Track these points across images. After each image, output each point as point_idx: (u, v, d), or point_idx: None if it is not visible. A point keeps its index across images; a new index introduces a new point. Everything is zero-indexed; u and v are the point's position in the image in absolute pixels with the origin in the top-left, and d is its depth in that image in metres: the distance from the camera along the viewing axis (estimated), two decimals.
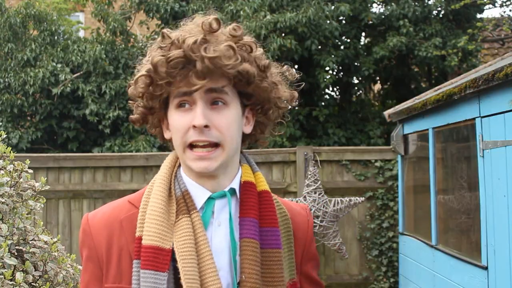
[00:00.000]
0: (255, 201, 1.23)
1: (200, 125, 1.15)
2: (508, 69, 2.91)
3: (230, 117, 1.19)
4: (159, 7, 8.23)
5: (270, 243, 1.21)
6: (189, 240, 1.16)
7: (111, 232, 1.22)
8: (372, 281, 6.05)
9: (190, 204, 1.21)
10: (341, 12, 7.73)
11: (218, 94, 1.17)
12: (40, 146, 8.14)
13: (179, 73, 1.15)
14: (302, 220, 1.33)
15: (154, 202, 1.21)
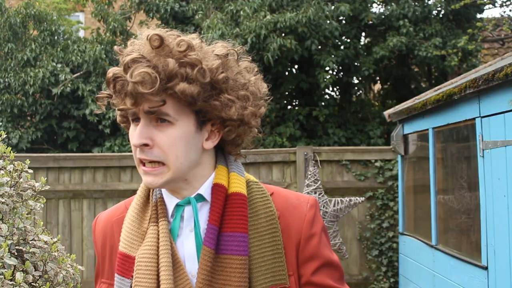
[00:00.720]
0: (219, 206, 1.19)
1: (136, 145, 1.16)
2: (508, 69, 2.91)
3: (174, 136, 1.16)
4: (159, 7, 8.23)
5: (230, 249, 1.16)
6: (150, 249, 1.18)
7: (105, 233, 1.31)
8: (372, 281, 6.05)
9: (161, 211, 1.22)
10: (341, 12, 7.73)
11: (158, 115, 1.15)
12: (40, 146, 8.14)
13: (122, 91, 1.15)
14: (297, 215, 1.23)
15: (131, 209, 1.27)
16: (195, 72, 1.14)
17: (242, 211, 1.19)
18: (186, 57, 1.14)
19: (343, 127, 8.41)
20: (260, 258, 1.18)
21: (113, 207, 1.36)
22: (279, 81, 8.29)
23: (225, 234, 1.17)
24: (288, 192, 1.29)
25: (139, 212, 1.25)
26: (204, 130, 1.21)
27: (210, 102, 1.17)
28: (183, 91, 1.13)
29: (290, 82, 8.32)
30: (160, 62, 1.13)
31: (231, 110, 1.19)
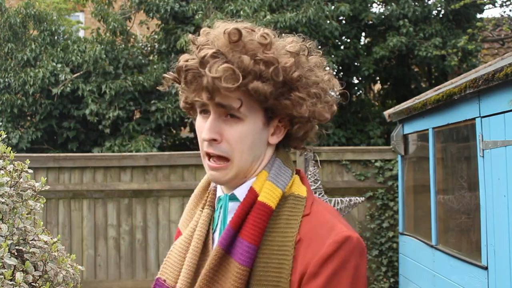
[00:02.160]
0: (243, 210, 1.17)
1: (206, 139, 1.17)
2: (508, 69, 2.91)
3: (242, 132, 1.16)
4: (159, 7, 8.23)
5: (237, 255, 1.14)
6: (189, 232, 1.26)
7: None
8: (372, 281, 6.05)
9: (210, 199, 1.28)
10: (341, 12, 7.73)
11: (229, 110, 1.15)
12: (40, 146, 8.14)
13: (194, 83, 1.16)
14: (315, 247, 1.10)
15: (194, 192, 1.35)
16: (270, 71, 1.13)
17: (260, 223, 1.15)
18: (262, 54, 1.14)
19: (343, 127, 8.42)
20: (263, 276, 1.13)
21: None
22: None
23: (239, 240, 1.16)
24: (326, 219, 1.15)
25: (198, 195, 1.33)
26: (270, 126, 1.21)
27: (281, 101, 1.16)
28: (257, 89, 1.12)
29: None
30: (235, 58, 1.12)
31: (302, 108, 1.17)
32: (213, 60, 1.11)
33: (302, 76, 1.18)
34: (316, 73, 1.22)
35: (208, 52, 1.12)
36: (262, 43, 1.14)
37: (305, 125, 1.22)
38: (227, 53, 1.13)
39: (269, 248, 1.14)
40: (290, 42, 1.23)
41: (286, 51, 1.19)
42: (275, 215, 1.16)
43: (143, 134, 7.83)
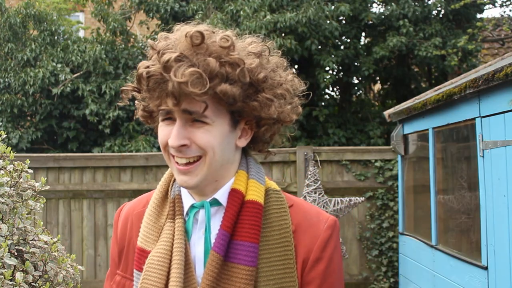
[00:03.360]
0: (233, 212, 1.15)
1: (175, 146, 1.13)
2: (508, 69, 2.91)
3: (211, 135, 1.13)
4: (159, 7, 8.23)
5: (238, 257, 1.13)
6: (165, 246, 1.17)
7: (125, 225, 1.31)
8: (372, 281, 6.05)
9: (178, 209, 1.21)
10: (341, 12, 7.73)
11: (195, 116, 1.12)
12: (40, 146, 8.14)
13: (157, 89, 1.10)
14: (312, 234, 1.17)
15: (150, 204, 1.26)
16: (237, 73, 1.10)
17: (256, 221, 1.15)
18: (227, 56, 1.11)
19: (343, 127, 8.41)
20: (269, 271, 1.14)
21: (137, 198, 1.36)
22: None
23: (235, 242, 1.14)
24: (309, 207, 1.23)
25: (157, 207, 1.24)
26: (237, 129, 1.19)
27: (249, 103, 1.14)
28: (225, 92, 1.09)
29: None
30: (200, 61, 1.09)
31: (270, 109, 1.16)
32: (177, 64, 1.07)
33: (267, 77, 1.16)
34: (279, 73, 1.21)
35: (171, 56, 1.07)
36: (224, 45, 1.11)
37: (272, 127, 1.22)
38: (191, 56, 1.09)
39: (267, 243, 1.15)
40: (250, 43, 1.20)
41: (248, 52, 1.16)
42: (265, 211, 1.18)
43: (143, 134, 7.83)
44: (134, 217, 1.29)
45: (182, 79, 1.06)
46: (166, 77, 1.08)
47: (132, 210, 1.32)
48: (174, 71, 1.07)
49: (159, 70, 1.09)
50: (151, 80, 1.10)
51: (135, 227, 1.28)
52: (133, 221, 1.29)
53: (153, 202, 1.26)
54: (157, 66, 1.09)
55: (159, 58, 1.09)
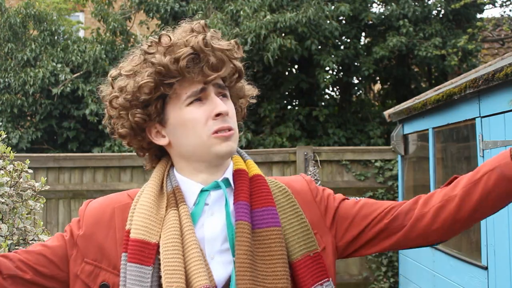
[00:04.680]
0: (246, 186, 1.25)
1: (226, 111, 1.21)
2: (508, 69, 2.91)
3: (232, 108, 1.27)
4: (159, 7, 8.22)
5: (264, 222, 1.21)
6: (175, 232, 1.18)
7: (102, 214, 1.27)
8: (372, 281, 6.05)
9: (179, 198, 1.24)
10: (341, 12, 7.73)
11: (222, 89, 1.25)
12: (40, 146, 8.14)
13: (192, 70, 1.20)
14: (300, 184, 1.33)
15: (144, 197, 1.25)
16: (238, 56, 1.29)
17: (267, 189, 1.26)
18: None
19: (343, 127, 8.41)
20: (290, 228, 1.24)
21: (111, 195, 1.34)
22: (279, 81, 8.29)
23: (256, 211, 1.23)
24: (283, 177, 1.38)
25: (155, 201, 1.24)
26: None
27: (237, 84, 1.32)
28: (241, 67, 1.28)
29: (290, 82, 8.32)
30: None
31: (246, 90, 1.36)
32: (213, 40, 1.22)
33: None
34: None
35: (205, 35, 1.21)
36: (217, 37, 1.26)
37: (242, 110, 1.38)
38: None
39: (279, 205, 1.26)
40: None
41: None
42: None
43: None
44: (117, 210, 1.27)
45: (228, 47, 1.22)
46: (205, 51, 1.19)
47: (111, 202, 1.29)
48: (213, 43, 1.21)
49: (192, 50, 1.19)
50: (184, 62, 1.19)
51: (118, 219, 1.25)
52: (116, 213, 1.26)
53: (148, 195, 1.25)
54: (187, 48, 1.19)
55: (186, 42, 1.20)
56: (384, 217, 1.27)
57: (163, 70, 1.19)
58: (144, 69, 1.22)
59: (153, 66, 1.20)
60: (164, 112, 1.24)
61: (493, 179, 1.17)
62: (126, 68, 1.25)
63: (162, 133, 1.27)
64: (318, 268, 1.22)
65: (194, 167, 1.26)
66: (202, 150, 1.23)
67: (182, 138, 1.24)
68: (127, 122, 1.26)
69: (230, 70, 1.24)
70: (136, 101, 1.22)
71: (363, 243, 1.29)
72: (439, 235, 1.24)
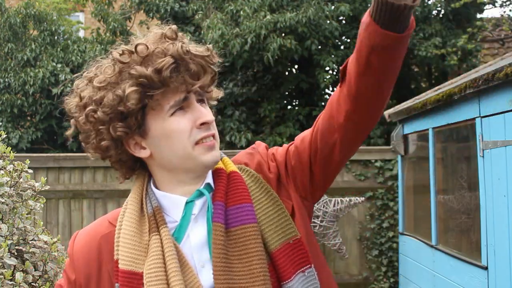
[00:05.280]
0: (223, 185, 1.22)
1: (212, 120, 1.20)
2: (508, 69, 2.91)
3: (212, 113, 1.24)
4: (159, 7, 8.22)
5: (238, 220, 1.18)
6: (157, 260, 1.16)
7: (90, 250, 1.24)
8: (372, 281, 6.05)
9: (160, 220, 1.20)
10: (341, 12, 7.73)
11: (202, 96, 1.22)
12: (40, 146, 8.14)
13: (175, 79, 1.15)
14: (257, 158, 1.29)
15: (126, 223, 1.21)
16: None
17: (243, 186, 1.23)
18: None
19: None
20: (267, 219, 1.21)
21: (92, 224, 1.30)
22: (279, 81, 8.28)
23: (231, 209, 1.20)
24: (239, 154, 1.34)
25: (137, 226, 1.20)
26: None
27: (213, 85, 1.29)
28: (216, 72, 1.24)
29: (290, 82, 8.32)
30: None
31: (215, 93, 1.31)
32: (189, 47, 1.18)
33: None
34: None
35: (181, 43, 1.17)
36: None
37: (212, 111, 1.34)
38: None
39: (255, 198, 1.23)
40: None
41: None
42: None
43: None
44: (102, 240, 1.23)
45: (207, 53, 1.19)
46: (185, 60, 1.16)
47: (95, 234, 1.25)
48: (192, 50, 1.17)
49: (172, 60, 1.14)
50: (166, 72, 1.14)
51: (105, 250, 1.22)
52: (102, 244, 1.23)
53: (129, 221, 1.21)
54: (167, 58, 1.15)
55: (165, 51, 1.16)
56: (317, 137, 1.23)
57: (145, 82, 1.14)
58: (123, 81, 1.16)
59: (133, 77, 1.14)
60: (144, 123, 1.18)
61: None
62: (99, 79, 1.19)
63: (142, 145, 1.21)
64: (299, 255, 1.19)
65: (178, 179, 1.22)
66: (188, 161, 1.19)
67: (166, 149, 1.19)
68: (107, 135, 1.19)
69: (210, 76, 1.21)
70: (117, 114, 1.16)
71: (320, 171, 1.26)
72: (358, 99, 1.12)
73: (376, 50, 1.03)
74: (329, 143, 1.20)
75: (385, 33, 1.01)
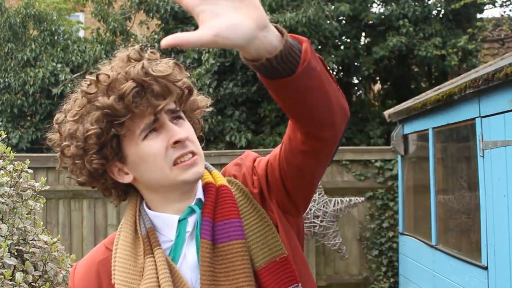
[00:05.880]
0: (212, 200, 1.20)
1: (185, 138, 1.15)
2: (508, 69, 2.91)
3: (191, 128, 1.20)
4: (159, 7, 8.23)
5: (226, 236, 1.16)
6: (152, 284, 1.14)
7: (89, 278, 1.23)
8: (372, 281, 6.05)
9: (154, 242, 1.18)
10: (341, 12, 7.73)
11: (175, 113, 1.18)
12: (40, 146, 8.13)
13: (140, 103, 1.12)
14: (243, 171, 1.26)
15: (121, 247, 1.20)
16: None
17: (232, 200, 1.20)
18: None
19: None
20: (254, 235, 1.19)
21: (90, 253, 1.29)
22: None
23: (218, 224, 1.17)
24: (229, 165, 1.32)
25: (131, 249, 1.19)
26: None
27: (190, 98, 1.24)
28: (189, 84, 1.19)
29: None
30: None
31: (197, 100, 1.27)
32: (150, 67, 1.13)
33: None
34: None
35: (142, 64, 1.13)
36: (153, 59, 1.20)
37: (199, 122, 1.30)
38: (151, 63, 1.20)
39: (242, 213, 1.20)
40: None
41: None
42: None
43: None
44: (100, 266, 1.23)
45: (168, 72, 1.13)
46: (147, 82, 1.11)
47: (93, 261, 1.25)
48: (152, 71, 1.12)
49: (135, 83, 1.11)
50: (129, 97, 1.11)
51: (103, 276, 1.21)
52: (100, 270, 1.22)
53: (123, 245, 1.20)
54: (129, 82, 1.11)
55: (126, 75, 1.13)
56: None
57: (109, 112, 1.11)
58: (90, 112, 1.14)
59: (98, 109, 1.12)
60: (121, 149, 1.16)
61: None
62: (72, 112, 1.18)
63: (125, 170, 1.19)
64: (286, 273, 1.16)
65: (166, 199, 1.20)
66: (169, 182, 1.17)
67: (146, 173, 1.17)
68: (85, 169, 1.18)
69: (177, 93, 1.16)
70: (89, 146, 1.15)
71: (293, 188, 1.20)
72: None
73: (273, 95, 1.04)
74: (294, 163, 1.15)
75: (266, 80, 0.97)
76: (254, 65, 0.93)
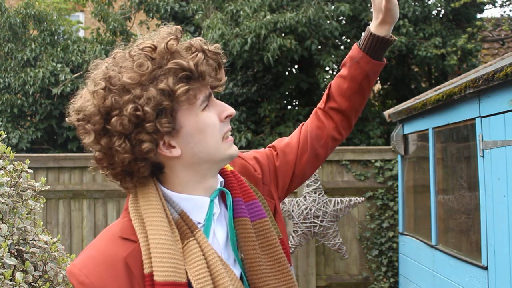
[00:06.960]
0: (235, 182, 1.27)
1: (233, 113, 1.23)
2: (508, 69, 2.91)
3: None
4: (159, 7, 8.22)
5: (256, 214, 1.24)
6: (202, 266, 1.12)
7: (116, 274, 1.12)
8: (372, 281, 6.05)
9: (191, 224, 1.17)
10: (341, 12, 7.73)
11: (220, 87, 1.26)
12: (40, 146, 8.14)
13: (206, 72, 1.17)
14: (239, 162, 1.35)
15: (157, 233, 1.13)
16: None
17: (245, 183, 1.29)
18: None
19: None
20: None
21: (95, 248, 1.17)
22: (279, 81, 8.28)
23: (248, 204, 1.25)
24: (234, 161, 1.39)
25: (170, 233, 1.14)
26: None
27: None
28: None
29: (290, 82, 8.32)
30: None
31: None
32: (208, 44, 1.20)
33: None
34: None
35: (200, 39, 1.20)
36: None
37: None
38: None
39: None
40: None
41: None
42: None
43: None
44: (129, 259, 1.13)
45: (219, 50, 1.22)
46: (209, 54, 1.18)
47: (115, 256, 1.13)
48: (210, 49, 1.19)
49: (204, 49, 1.17)
50: (203, 65, 1.15)
51: (135, 269, 1.12)
52: (130, 263, 1.13)
53: (159, 230, 1.13)
54: (199, 50, 1.16)
55: (200, 45, 1.17)
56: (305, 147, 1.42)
57: (186, 75, 1.11)
58: (160, 76, 1.11)
59: (171, 71, 1.10)
60: (175, 121, 1.14)
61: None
62: (128, 75, 1.12)
63: (172, 144, 1.16)
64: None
65: (203, 177, 1.20)
66: (219, 156, 1.19)
67: (199, 145, 1.16)
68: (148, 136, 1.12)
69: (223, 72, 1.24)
70: (160, 110, 1.11)
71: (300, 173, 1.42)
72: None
73: (368, 76, 1.40)
74: (317, 147, 1.43)
75: (375, 62, 1.38)
76: (388, 40, 1.37)
